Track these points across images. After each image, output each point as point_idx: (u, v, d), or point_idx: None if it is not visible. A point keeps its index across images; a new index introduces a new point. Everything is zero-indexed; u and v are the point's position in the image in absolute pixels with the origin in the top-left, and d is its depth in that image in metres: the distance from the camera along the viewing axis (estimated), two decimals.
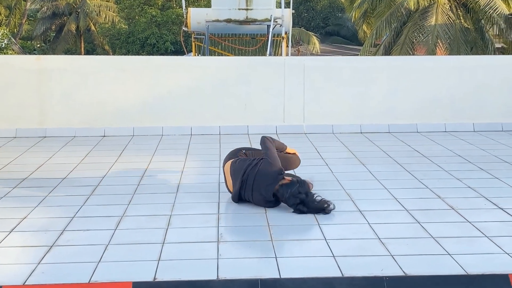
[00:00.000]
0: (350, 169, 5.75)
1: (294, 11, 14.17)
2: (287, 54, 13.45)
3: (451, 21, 20.50)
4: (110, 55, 32.77)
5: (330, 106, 7.92)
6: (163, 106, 7.80)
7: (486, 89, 7.98)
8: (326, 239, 3.80)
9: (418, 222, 4.12)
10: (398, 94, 7.95)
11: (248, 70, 7.97)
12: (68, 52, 37.91)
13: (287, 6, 13.31)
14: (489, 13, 20.06)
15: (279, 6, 12.91)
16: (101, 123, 7.70)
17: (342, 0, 39.58)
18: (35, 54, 29.09)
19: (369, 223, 4.11)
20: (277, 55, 13.08)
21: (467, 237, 3.85)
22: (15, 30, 34.15)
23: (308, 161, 6.05)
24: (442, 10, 20.55)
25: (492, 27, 20.72)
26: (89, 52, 39.11)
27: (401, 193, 4.86)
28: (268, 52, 12.25)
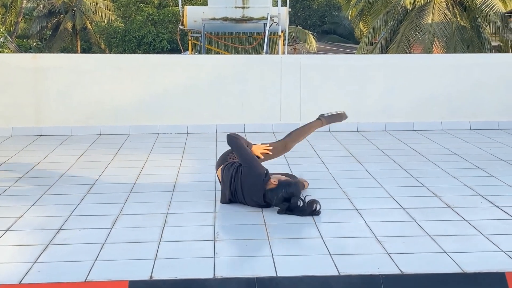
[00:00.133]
0: (346, 167, 5.75)
1: (290, 10, 14.15)
2: (284, 53, 13.45)
3: (448, 19, 20.52)
4: (106, 54, 32.71)
5: (326, 104, 7.90)
6: (160, 105, 7.79)
7: (483, 87, 7.99)
8: (322, 238, 3.80)
9: (415, 220, 4.12)
10: (394, 93, 7.96)
11: (244, 69, 7.96)
12: (64, 50, 37.80)
13: (284, 4, 13.30)
14: (485, 11, 20.09)
15: (276, 4, 12.89)
16: (97, 122, 7.69)
17: None
18: (31, 53, 29.02)
19: (365, 221, 4.11)
20: (273, 54, 13.07)
21: (464, 235, 3.85)
22: (11, 28, 34.04)
23: (304, 159, 6.06)
24: (439, 8, 20.57)
25: (488, 26, 20.75)
26: (85, 50, 39.03)
27: (397, 191, 4.86)
28: (264, 50, 12.24)
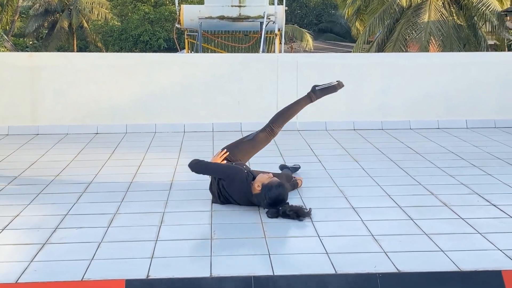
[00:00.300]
0: (343, 166, 5.75)
1: (287, 8, 14.14)
2: (280, 51, 13.44)
3: (444, 18, 20.52)
4: (103, 52, 32.67)
5: (323, 103, 7.88)
6: (156, 103, 7.78)
7: (479, 86, 8.00)
8: (319, 236, 3.80)
9: (411, 219, 4.13)
10: (391, 91, 7.96)
11: (241, 67, 7.96)
12: (60, 49, 37.73)
13: (280, 3, 13.30)
14: (481, 10, 20.10)
15: (272, 3, 12.89)
16: (94, 121, 7.68)
17: None
18: (28, 52, 28.96)
19: (362, 220, 4.12)
20: (270, 52, 13.07)
21: (460, 233, 3.85)
22: (7, 27, 33.95)
23: (301, 158, 6.06)
24: (435, 7, 20.57)
25: (484, 24, 20.75)
26: (81, 49, 38.95)
27: (394, 190, 4.86)
28: (261, 49, 12.23)
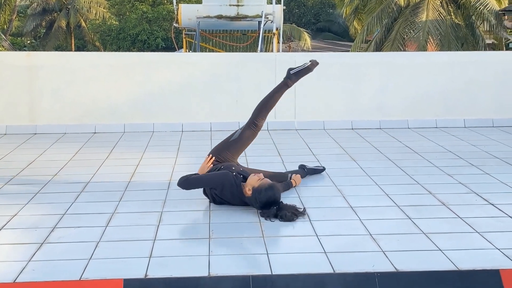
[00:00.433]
0: (341, 165, 5.75)
1: (285, 7, 14.15)
2: (278, 50, 13.44)
3: (442, 17, 20.53)
4: (100, 52, 32.64)
5: (321, 102, 7.93)
6: (154, 103, 7.77)
7: (477, 85, 8.00)
8: (317, 235, 3.80)
9: (410, 218, 4.12)
10: (389, 90, 7.96)
11: (239, 67, 7.96)
12: (58, 48, 37.68)
13: (278, 2, 13.32)
14: (479, 9, 20.10)
15: (270, 2, 12.88)
16: (92, 120, 7.67)
17: None
18: (25, 51, 28.94)
19: (360, 219, 4.11)
20: (268, 51, 13.07)
21: (458, 233, 3.85)
22: (5, 26, 33.91)
23: (299, 157, 6.05)
24: (433, 6, 20.58)
25: (482, 23, 20.76)
26: (79, 48, 38.93)
27: (392, 189, 4.86)
28: (259, 48, 12.24)
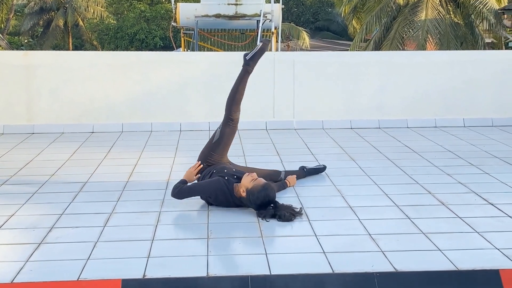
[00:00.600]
0: (340, 165, 5.74)
1: (283, 6, 14.12)
2: (277, 50, 13.43)
3: (441, 16, 20.52)
4: (98, 51, 32.62)
5: (320, 101, 7.91)
6: (152, 102, 7.76)
7: (476, 84, 7.99)
8: (316, 235, 3.79)
9: (409, 218, 4.11)
10: (388, 90, 7.95)
11: (237, 66, 7.87)
12: (56, 47, 37.64)
13: (277, 1, 13.28)
14: (479, 8, 20.10)
15: (269, 1, 12.87)
16: (89, 120, 7.65)
17: None
18: (23, 50, 28.91)
19: (359, 219, 4.10)
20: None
21: (458, 232, 3.84)
22: (2, 25, 33.87)
23: (298, 157, 6.04)
24: (432, 5, 20.57)
25: (482, 22, 20.75)
26: (77, 47, 38.87)
27: (391, 188, 4.85)
28: None
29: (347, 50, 24.49)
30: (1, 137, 7.30)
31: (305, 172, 5.22)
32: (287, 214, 4.07)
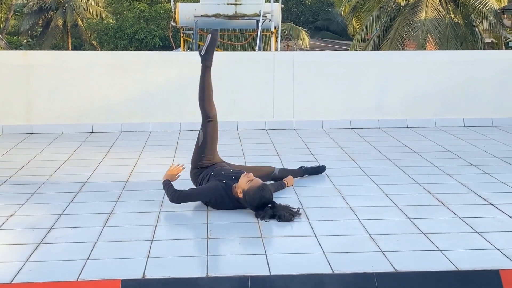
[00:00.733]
0: (340, 165, 5.73)
1: (283, 6, 14.10)
2: (277, 49, 13.41)
3: (441, 15, 20.50)
4: (97, 51, 32.61)
5: (320, 101, 7.90)
6: (152, 102, 7.74)
7: (476, 84, 7.98)
8: (316, 236, 3.78)
9: (409, 218, 4.11)
10: (388, 90, 7.94)
11: (237, 66, 7.93)
12: (55, 47, 37.62)
13: (276, 1, 13.26)
14: (479, 8, 20.08)
15: (268, 1, 12.84)
16: (89, 119, 7.64)
17: None
18: (22, 50, 28.89)
19: (359, 219, 4.09)
20: (266, 50, 13.04)
21: (458, 233, 3.84)
22: (1, 25, 33.81)
23: (298, 157, 6.03)
24: (432, 4, 20.55)
25: (482, 22, 20.73)
26: (76, 47, 38.86)
27: (391, 189, 4.84)
28: (257, 47, 12.20)
29: (347, 50, 24.49)
30: (0, 137, 7.29)
31: (303, 170, 5.20)
32: (287, 215, 4.06)
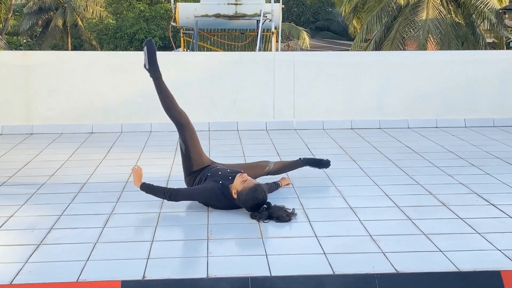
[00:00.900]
0: (341, 165, 5.71)
1: (283, 6, 14.10)
2: (277, 50, 13.41)
3: (442, 16, 20.49)
4: (97, 51, 32.61)
5: (320, 102, 7.89)
6: (152, 102, 7.65)
7: (478, 84, 7.97)
8: (316, 236, 3.77)
9: (410, 219, 4.10)
10: (389, 90, 7.93)
11: (237, 66, 7.92)
12: (55, 47, 37.64)
13: (277, 1, 13.26)
14: (480, 8, 20.07)
15: (269, 1, 12.84)
16: (88, 120, 7.63)
17: None
18: (21, 50, 28.87)
19: (360, 220, 4.08)
20: (266, 51, 13.03)
21: (459, 233, 3.83)
22: (1, 25, 33.79)
23: (298, 157, 6.01)
24: (433, 4, 20.55)
25: (483, 22, 20.72)
26: (76, 47, 38.87)
27: (392, 189, 4.83)
28: (257, 47, 12.20)
29: (348, 50, 24.48)
30: None
31: (301, 162, 5.17)
32: (285, 215, 4.06)
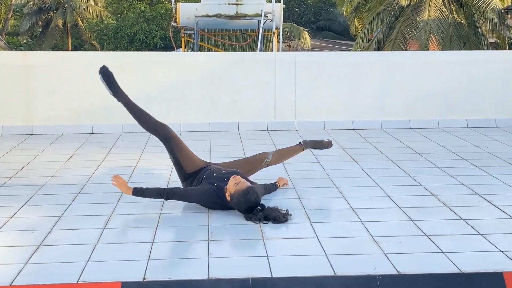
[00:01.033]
0: (342, 166, 5.71)
1: (284, 6, 14.09)
2: (278, 50, 13.39)
3: (444, 16, 20.48)
4: (98, 51, 32.62)
5: (321, 102, 7.88)
6: (152, 103, 7.69)
7: (479, 84, 7.96)
8: (318, 237, 3.76)
9: (411, 220, 4.08)
10: (390, 90, 7.92)
11: (238, 66, 7.91)
12: (55, 48, 37.66)
13: (278, 1, 13.26)
14: (482, 8, 20.05)
15: (270, 1, 12.83)
16: (89, 120, 7.62)
17: None
18: (21, 50, 28.90)
19: (361, 221, 4.07)
20: (267, 51, 13.02)
21: (461, 234, 3.81)
22: (1, 25, 33.81)
23: (299, 158, 5.99)
24: (435, 4, 20.53)
25: (485, 22, 20.70)
26: (76, 48, 38.90)
27: (393, 190, 4.82)
28: (258, 47, 12.18)
29: (349, 50, 24.48)
30: None
31: (302, 145, 5.12)
32: (280, 216, 4.05)
